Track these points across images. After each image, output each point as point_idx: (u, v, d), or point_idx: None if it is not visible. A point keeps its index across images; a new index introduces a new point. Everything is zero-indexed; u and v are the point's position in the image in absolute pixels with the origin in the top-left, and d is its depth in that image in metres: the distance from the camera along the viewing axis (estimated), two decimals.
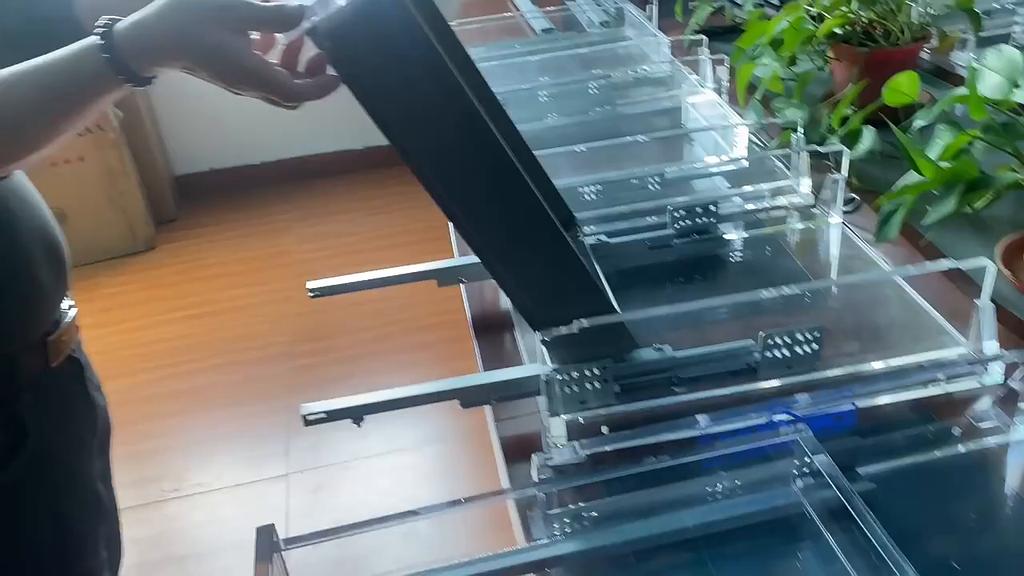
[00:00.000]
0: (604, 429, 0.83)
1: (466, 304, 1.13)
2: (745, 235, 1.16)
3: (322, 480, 2.12)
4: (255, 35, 0.75)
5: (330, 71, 0.76)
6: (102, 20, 0.73)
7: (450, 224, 0.85)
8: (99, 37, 0.72)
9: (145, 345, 2.70)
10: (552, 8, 2.09)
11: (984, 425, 0.79)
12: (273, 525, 0.67)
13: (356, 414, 0.84)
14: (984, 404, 0.81)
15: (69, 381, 1.00)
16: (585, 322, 0.82)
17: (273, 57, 0.78)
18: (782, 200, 1.19)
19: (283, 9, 0.74)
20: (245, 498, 2.10)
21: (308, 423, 0.83)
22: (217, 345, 2.67)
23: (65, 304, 0.97)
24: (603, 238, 1.11)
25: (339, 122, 3.58)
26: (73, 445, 1.00)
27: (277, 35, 0.77)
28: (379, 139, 0.74)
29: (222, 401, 2.43)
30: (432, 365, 2.48)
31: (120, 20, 0.73)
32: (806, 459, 0.71)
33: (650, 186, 1.21)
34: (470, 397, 0.86)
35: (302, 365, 2.54)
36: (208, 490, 2.13)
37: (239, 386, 2.48)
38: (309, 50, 0.77)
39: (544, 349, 0.85)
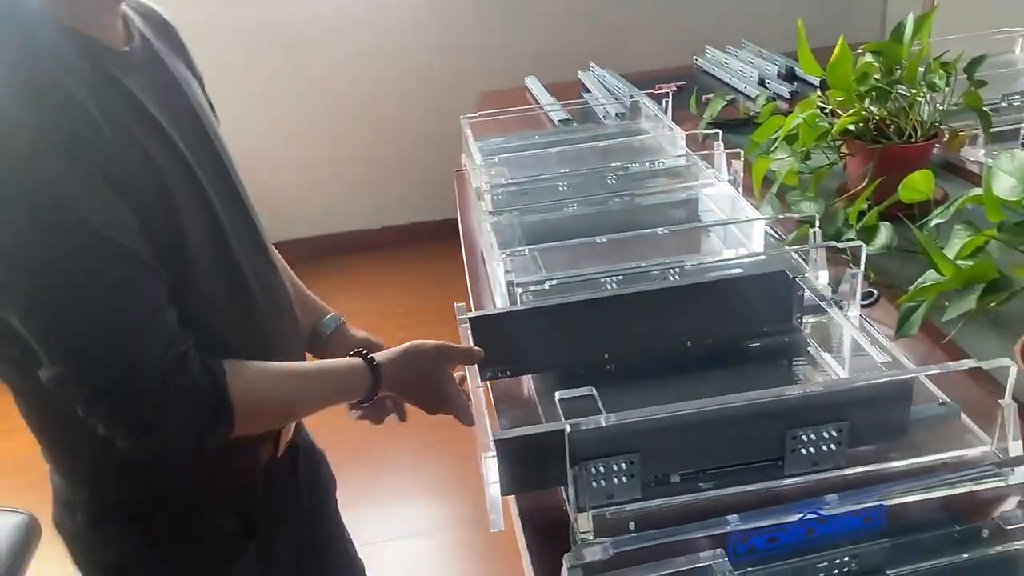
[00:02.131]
0: (632, 525, 0.84)
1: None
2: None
3: None
4: None
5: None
6: (366, 354, 1.03)
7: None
8: (370, 371, 1.00)
9: None
10: (569, 101, 2.15)
11: (1011, 526, 0.79)
12: None
13: None
14: (1011, 504, 0.81)
15: (288, 469, 1.13)
16: (613, 417, 0.83)
17: None
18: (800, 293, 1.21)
19: (473, 351, 1.03)
20: None
21: None
22: None
23: None
24: None
25: (357, 201, 3.66)
26: (287, 541, 1.12)
27: None
28: (395, 219, 0.79)
29: None
30: (445, 449, 2.47)
31: (377, 356, 1.02)
32: None
33: (670, 276, 1.23)
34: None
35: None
36: None
37: None
38: None
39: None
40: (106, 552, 1.01)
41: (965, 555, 0.78)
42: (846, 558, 0.74)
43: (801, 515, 0.73)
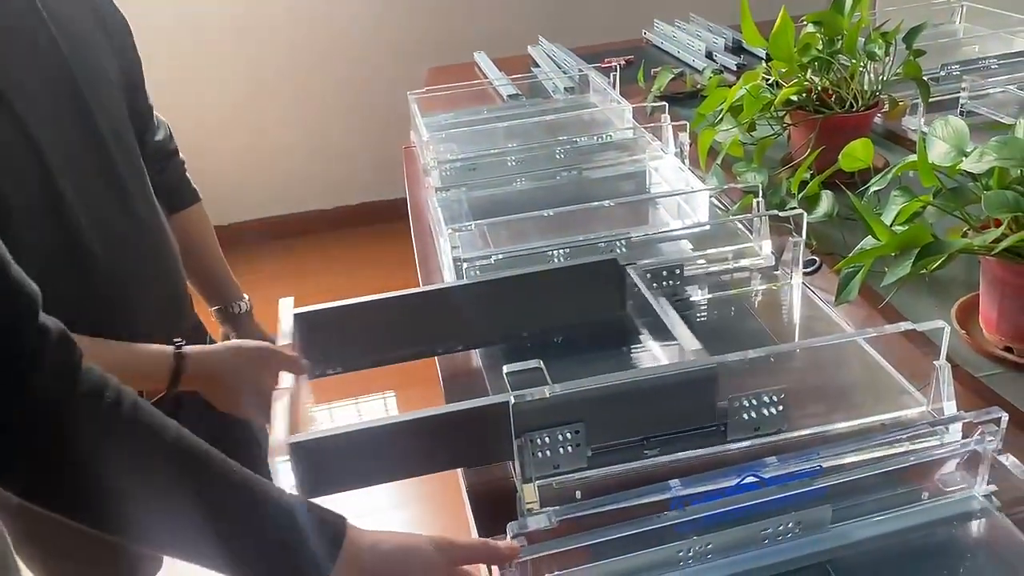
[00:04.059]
0: (578, 494, 0.84)
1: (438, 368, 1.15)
2: (710, 296, 1.19)
3: None
4: None
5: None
6: (177, 346, 0.99)
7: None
8: (174, 360, 0.98)
9: None
10: (518, 76, 2.14)
11: (947, 486, 0.81)
12: None
13: None
14: (946, 464, 0.83)
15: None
16: (558, 388, 0.84)
17: None
18: (745, 262, 1.22)
19: (298, 363, 0.98)
20: None
21: None
22: None
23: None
24: None
25: (308, 181, 3.62)
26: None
27: None
28: (347, 199, 0.77)
29: None
30: None
31: (188, 348, 0.99)
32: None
33: (617, 249, 1.24)
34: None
35: None
36: None
37: None
38: None
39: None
40: None
41: (905, 517, 0.79)
42: (790, 524, 0.76)
43: (740, 478, 0.73)
